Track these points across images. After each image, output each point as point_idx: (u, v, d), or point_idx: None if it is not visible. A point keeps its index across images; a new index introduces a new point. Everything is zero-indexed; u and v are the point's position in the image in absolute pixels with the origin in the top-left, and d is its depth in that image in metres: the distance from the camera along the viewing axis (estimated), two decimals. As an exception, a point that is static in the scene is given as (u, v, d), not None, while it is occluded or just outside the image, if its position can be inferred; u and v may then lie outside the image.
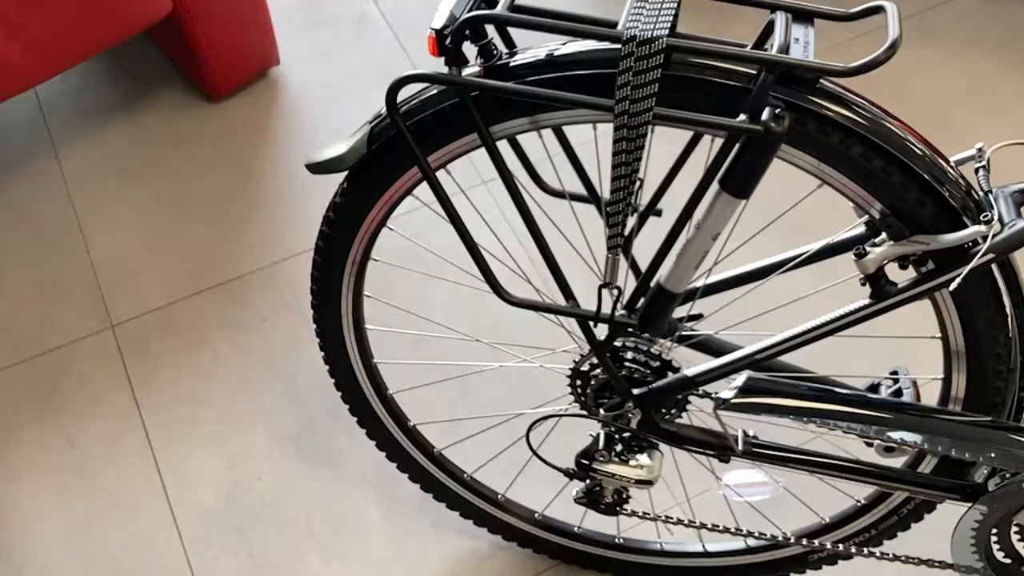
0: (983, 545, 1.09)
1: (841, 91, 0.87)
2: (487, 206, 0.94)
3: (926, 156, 0.88)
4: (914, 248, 0.89)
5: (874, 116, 0.88)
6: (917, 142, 0.89)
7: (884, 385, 1.11)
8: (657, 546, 1.34)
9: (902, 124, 0.89)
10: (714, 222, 0.90)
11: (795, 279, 1.07)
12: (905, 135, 0.88)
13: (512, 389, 1.51)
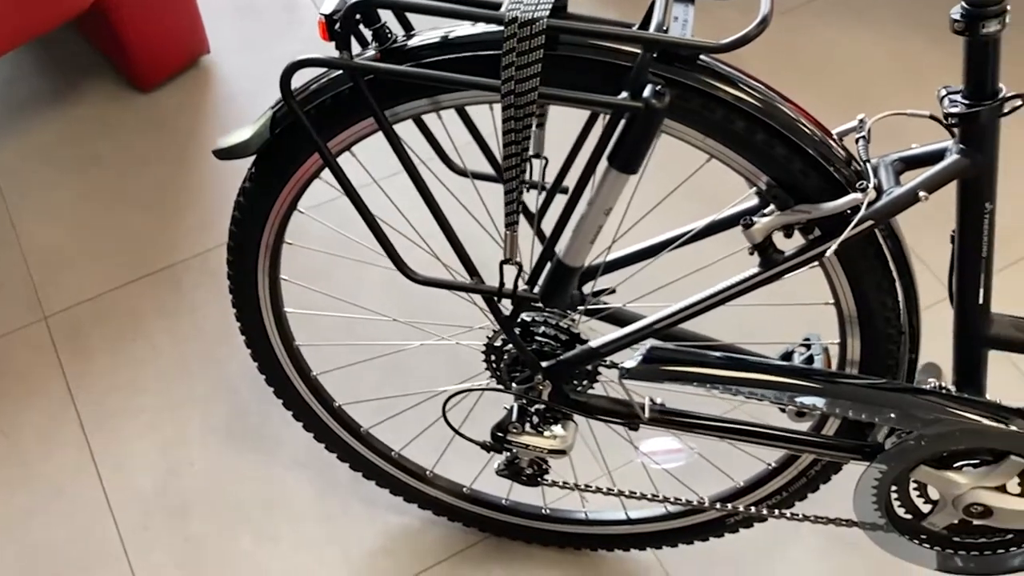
0: (884, 502, 1.14)
1: (723, 67, 0.91)
2: (404, 187, 0.96)
3: (808, 129, 0.92)
4: (797, 217, 0.93)
5: (756, 91, 0.91)
6: (799, 115, 0.92)
7: (797, 352, 1.15)
8: (582, 515, 1.38)
9: (784, 98, 0.92)
10: (605, 198, 0.92)
11: (707, 249, 1.10)
12: (787, 109, 0.92)
13: (439, 367, 1.53)
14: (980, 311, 1.00)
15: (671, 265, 1.13)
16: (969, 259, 0.97)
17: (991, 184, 0.92)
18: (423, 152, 1.03)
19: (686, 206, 1.15)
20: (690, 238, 1.09)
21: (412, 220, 1.14)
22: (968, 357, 1.05)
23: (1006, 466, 1.06)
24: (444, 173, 1.11)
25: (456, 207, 1.13)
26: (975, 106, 0.87)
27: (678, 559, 1.40)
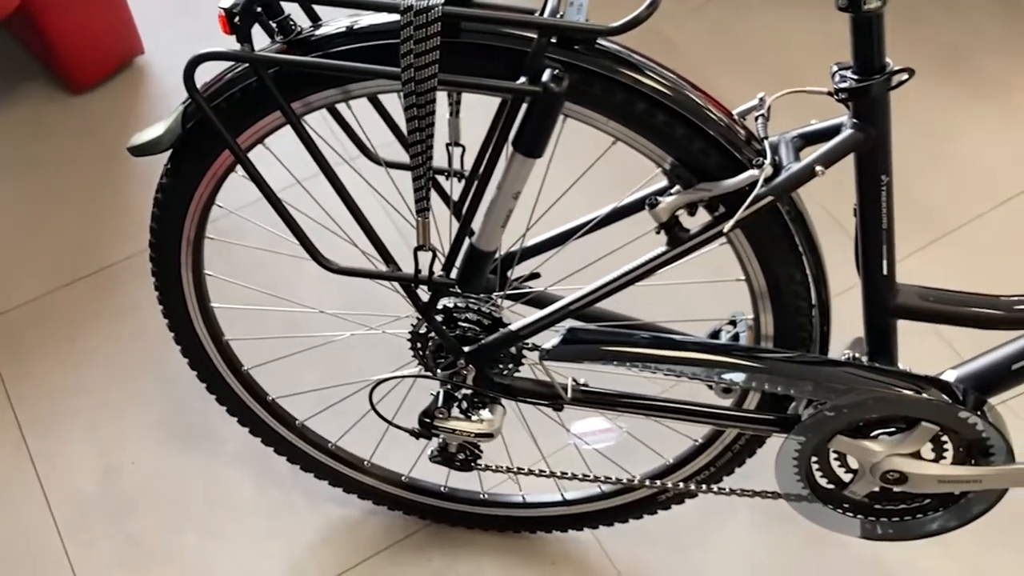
0: (806, 473, 1.16)
1: (624, 51, 0.92)
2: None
3: (708, 109, 0.94)
4: (699, 195, 0.95)
5: (656, 73, 0.93)
6: (699, 96, 0.94)
7: (724, 330, 1.17)
8: (519, 499, 1.40)
9: (684, 79, 0.94)
10: (512, 182, 0.94)
11: (640, 229, 1.11)
12: (687, 90, 0.94)
13: (379, 357, 1.54)
14: (885, 282, 1.03)
15: (599, 246, 1.15)
16: (870, 231, 0.99)
17: (886, 157, 0.95)
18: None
19: (621, 189, 1.17)
20: (602, 221, 1.11)
21: (339, 211, 1.15)
22: (878, 327, 1.07)
23: (918, 432, 1.09)
24: (370, 163, 1.12)
25: (384, 196, 1.14)
26: (864, 81, 0.89)
27: (616, 537, 1.42)
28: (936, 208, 1.78)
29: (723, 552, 1.43)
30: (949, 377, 1.10)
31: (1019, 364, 1.06)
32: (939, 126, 1.90)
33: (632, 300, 1.18)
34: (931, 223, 1.76)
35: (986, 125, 1.90)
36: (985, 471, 1.08)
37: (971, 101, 1.93)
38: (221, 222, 1.58)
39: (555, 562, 1.42)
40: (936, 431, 1.09)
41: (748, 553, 1.43)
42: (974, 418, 1.06)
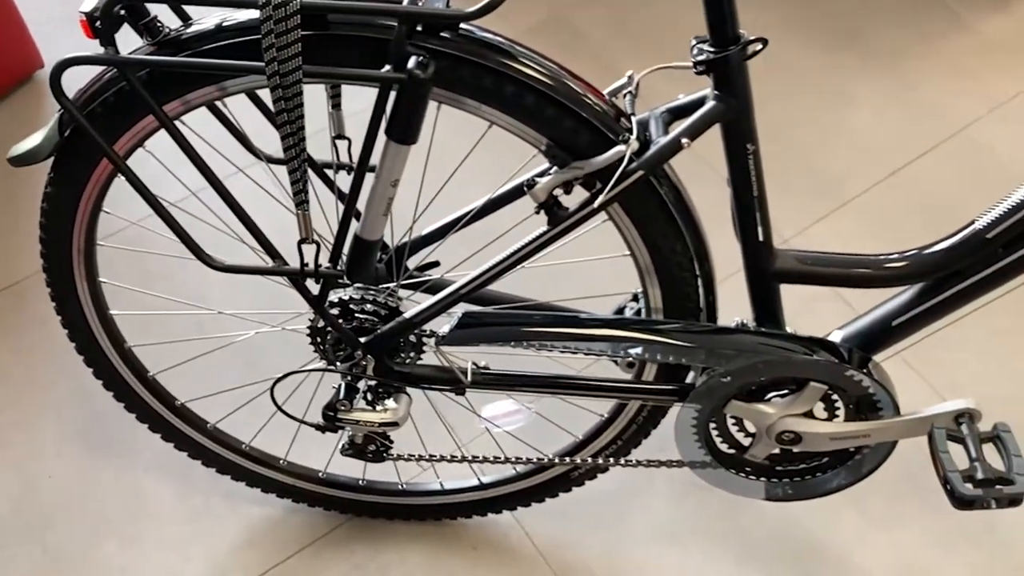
0: (705, 439, 1.19)
1: (489, 36, 0.94)
2: (226, 175, 0.98)
3: (575, 89, 0.96)
4: (573, 174, 0.97)
5: (522, 56, 0.94)
6: (567, 77, 0.96)
7: (628, 306, 1.20)
8: (437, 486, 1.41)
9: (552, 61, 0.96)
10: (389, 170, 0.95)
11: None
12: (554, 71, 0.96)
13: (292, 354, 1.54)
14: (763, 248, 1.06)
15: (501, 229, 1.16)
16: (742, 200, 1.02)
17: (750, 126, 0.98)
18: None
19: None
20: (495, 204, 1.13)
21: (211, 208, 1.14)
22: (761, 293, 1.10)
23: (808, 393, 1.12)
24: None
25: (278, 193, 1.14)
26: (720, 52, 0.92)
27: (536, 517, 1.45)
28: (837, 178, 1.83)
29: (642, 524, 1.46)
30: (835, 338, 1.14)
31: (898, 321, 1.10)
32: (837, 98, 1.95)
33: (541, 281, 1.21)
34: (833, 192, 1.80)
35: (882, 95, 1.95)
36: (873, 425, 1.12)
37: (867, 73, 1.99)
38: (129, 231, 1.57)
39: (476, 547, 1.44)
40: (825, 390, 1.12)
41: (666, 523, 1.46)
42: (860, 376, 1.10)
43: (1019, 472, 1.03)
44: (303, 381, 1.24)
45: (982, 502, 1.02)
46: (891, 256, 1.05)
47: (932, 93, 1.95)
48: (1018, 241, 1.02)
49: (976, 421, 1.08)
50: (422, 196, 1.12)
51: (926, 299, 1.08)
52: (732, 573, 1.42)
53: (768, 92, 1.98)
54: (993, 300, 1.65)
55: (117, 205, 1.13)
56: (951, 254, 1.04)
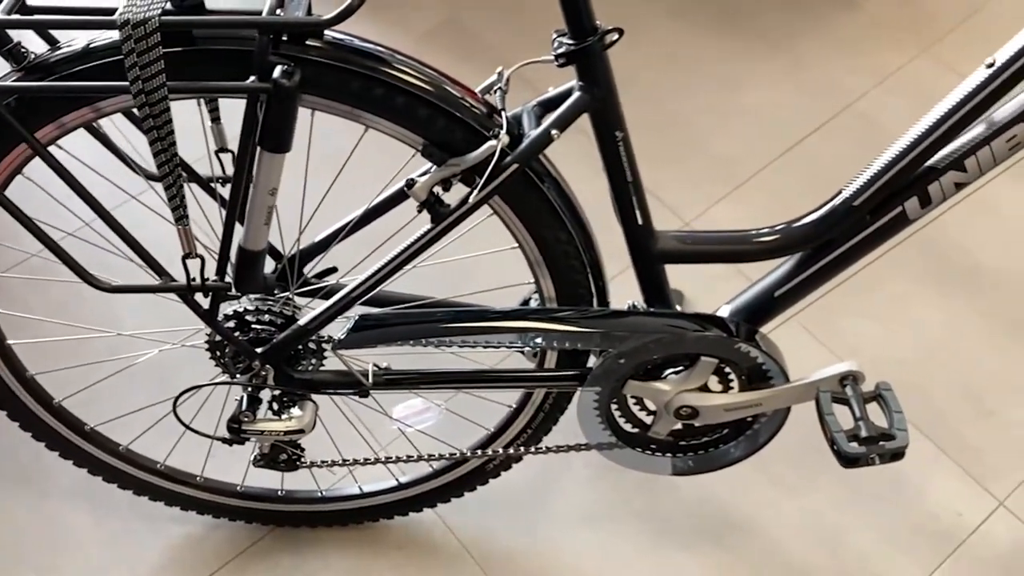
0: (608, 420, 1.23)
1: (354, 40, 0.96)
2: (110, 195, 0.98)
3: (447, 88, 0.98)
4: (450, 171, 0.99)
5: (389, 58, 0.96)
6: (436, 77, 0.98)
7: (533, 298, 1.22)
8: (357, 490, 1.42)
9: (418, 62, 0.98)
10: (266, 179, 0.96)
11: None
12: (422, 71, 0.98)
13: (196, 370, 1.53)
14: (643, 231, 1.09)
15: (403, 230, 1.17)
16: (618, 186, 1.05)
17: (616, 114, 1.01)
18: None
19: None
20: (385, 205, 1.15)
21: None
22: (648, 275, 1.14)
23: (701, 367, 1.16)
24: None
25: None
26: (579, 44, 0.95)
27: (457, 512, 1.47)
28: (733, 159, 1.88)
29: (561, 509, 1.49)
30: (723, 313, 1.18)
31: (780, 291, 1.14)
32: (730, 82, 2.00)
33: (443, 279, 1.23)
34: (731, 173, 1.85)
35: (773, 76, 2.01)
36: (764, 394, 1.16)
37: (758, 55, 2.04)
38: (33, 261, 1.56)
39: (401, 546, 1.46)
40: (717, 364, 1.16)
41: (585, 506, 1.49)
42: (748, 347, 1.14)
43: (900, 427, 1.07)
44: (210, 396, 1.24)
45: (867, 458, 1.06)
46: (762, 231, 1.09)
47: (822, 71, 2.02)
48: (883, 207, 1.07)
49: (860, 383, 1.13)
50: (316, 203, 1.14)
51: (804, 269, 1.12)
52: (651, 550, 1.46)
53: (663, 80, 2.04)
54: (889, 268, 1.72)
55: (19, 236, 1.12)
56: (820, 225, 1.08)
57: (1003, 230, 1.79)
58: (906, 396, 1.57)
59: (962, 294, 1.71)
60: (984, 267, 1.75)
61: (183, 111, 1.02)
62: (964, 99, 0.99)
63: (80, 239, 1.18)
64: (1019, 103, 1.00)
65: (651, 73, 2.01)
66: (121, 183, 1.15)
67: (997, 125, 1.01)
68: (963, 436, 1.56)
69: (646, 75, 2.01)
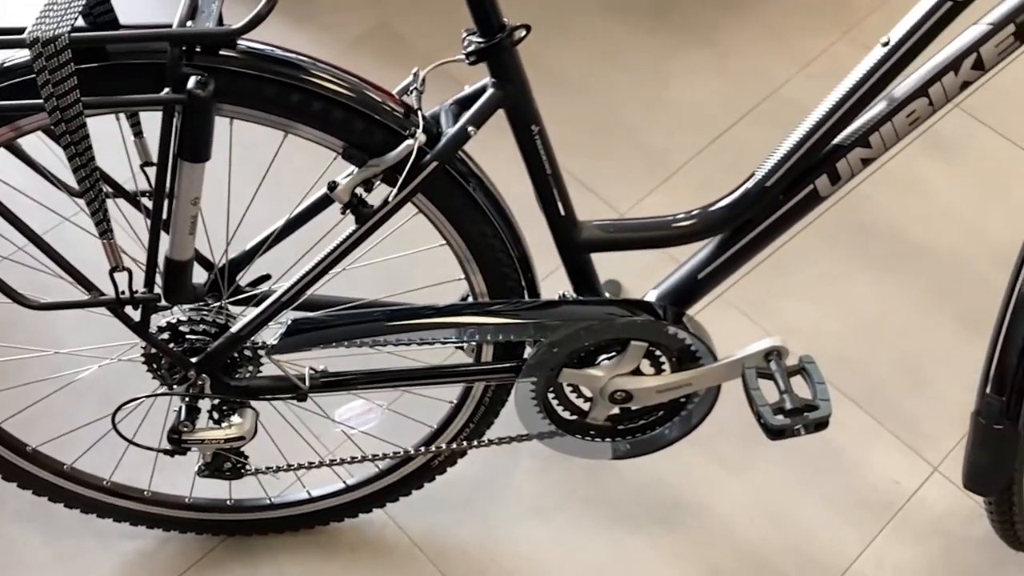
0: (546, 409, 1.25)
1: (268, 48, 0.97)
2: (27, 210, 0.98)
3: (362, 91, 1.00)
4: (371, 172, 1.01)
5: (303, 65, 0.98)
6: (352, 80, 1.00)
7: (472, 296, 1.24)
8: (305, 495, 1.43)
9: (334, 66, 1.00)
10: (187, 189, 0.97)
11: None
12: (338, 76, 1.00)
13: (139, 385, 1.54)
14: (566, 222, 1.12)
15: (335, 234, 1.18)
16: (538, 179, 1.08)
17: (530, 108, 1.03)
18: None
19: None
20: (313, 209, 1.16)
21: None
22: (575, 264, 1.16)
23: (631, 352, 1.19)
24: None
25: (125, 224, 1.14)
26: (488, 42, 0.97)
27: (408, 511, 1.48)
28: (665, 150, 1.91)
29: (510, 501, 1.51)
30: (650, 297, 1.21)
31: (703, 273, 1.17)
32: (659, 75, 2.03)
33: (378, 280, 1.25)
34: (661, 164, 1.89)
35: (699, 68, 2.05)
36: (692, 374, 1.19)
37: (682, 47, 2.08)
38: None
39: (354, 548, 1.47)
40: (647, 347, 1.19)
41: (534, 497, 1.52)
42: (675, 329, 1.17)
43: (823, 397, 1.11)
44: (151, 409, 1.25)
45: (791, 429, 1.10)
46: (679, 216, 1.12)
47: (746, 60, 2.06)
48: (795, 186, 1.11)
49: (784, 357, 1.16)
50: (244, 212, 1.15)
51: (724, 250, 1.16)
52: (602, 536, 1.49)
53: (595, 76, 2.07)
54: (820, 248, 1.76)
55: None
56: (735, 207, 1.12)
57: (930, 207, 1.84)
58: (842, 371, 1.65)
59: (892, 270, 1.76)
60: (913, 243, 1.80)
61: (109, 125, 1.03)
62: (863, 78, 1.03)
63: (15, 262, 1.18)
64: (916, 79, 1.04)
65: (583, 70, 2.04)
66: (57, 202, 1.15)
67: (897, 101, 1.05)
68: (898, 407, 1.61)
69: (578, 72, 2.04)
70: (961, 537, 1.48)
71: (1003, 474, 1.13)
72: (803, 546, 1.48)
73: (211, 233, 1.15)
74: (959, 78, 1.02)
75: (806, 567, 1.46)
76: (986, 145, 1.92)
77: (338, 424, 1.36)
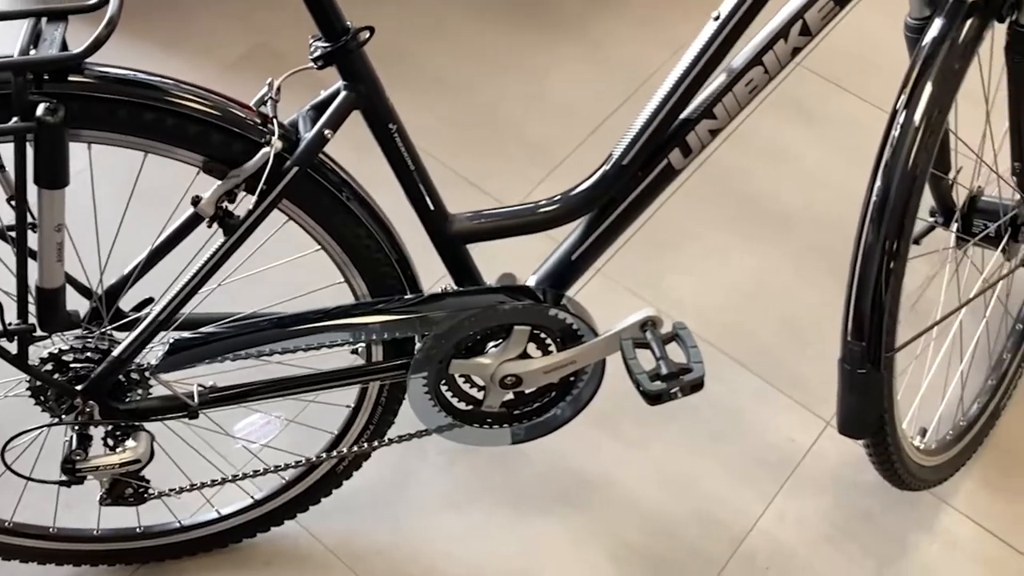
0: (441, 402, 1.27)
1: (117, 70, 0.98)
2: None
3: (215, 104, 1.02)
4: (232, 183, 1.03)
5: (154, 83, 0.99)
6: (205, 94, 1.02)
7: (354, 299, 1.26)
8: (215, 514, 1.44)
9: (187, 83, 1.02)
10: (48, 216, 0.98)
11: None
12: (190, 91, 1.01)
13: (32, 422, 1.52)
14: (437, 216, 1.15)
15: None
16: (403, 176, 1.11)
17: (385, 107, 1.06)
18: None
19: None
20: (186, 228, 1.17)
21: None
22: (452, 257, 1.20)
23: (516, 337, 1.22)
24: None
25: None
26: (333, 45, 1.00)
27: (320, 519, 1.49)
28: (548, 143, 1.96)
29: (421, 497, 1.53)
30: (530, 282, 1.24)
31: (576, 254, 1.21)
32: (537, 70, 2.08)
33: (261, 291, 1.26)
34: (545, 158, 1.93)
35: (575, 60, 2.10)
36: (574, 352, 1.23)
37: (559, 42, 2.13)
38: None
39: (269, 562, 1.48)
40: (530, 331, 1.23)
41: (444, 491, 1.54)
42: (556, 311, 1.21)
43: (696, 360, 1.16)
44: (45, 441, 1.24)
45: (668, 393, 1.14)
46: (542, 202, 1.16)
47: (619, 49, 2.12)
48: (650, 162, 1.15)
49: (659, 327, 1.21)
50: (115, 235, 1.15)
51: (593, 230, 1.20)
52: (513, 522, 1.52)
53: (474, 76, 2.11)
54: (702, 222, 1.83)
55: None
56: (596, 189, 1.16)
57: (802, 173, 1.92)
58: (731, 338, 1.71)
59: (773, 237, 1.83)
60: (790, 210, 1.87)
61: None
62: (700, 52, 1.09)
63: None
64: (751, 49, 1.10)
65: (461, 71, 2.08)
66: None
67: (735, 72, 1.10)
68: (788, 367, 1.67)
69: (456, 74, 2.07)
70: (855, 485, 1.55)
71: (873, 416, 1.19)
72: (708, 510, 1.53)
73: (87, 260, 1.16)
74: (789, 44, 1.08)
75: (712, 530, 1.51)
76: (848, 110, 2.00)
77: (239, 440, 1.36)
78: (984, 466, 1.57)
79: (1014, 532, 1.51)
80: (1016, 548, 1.50)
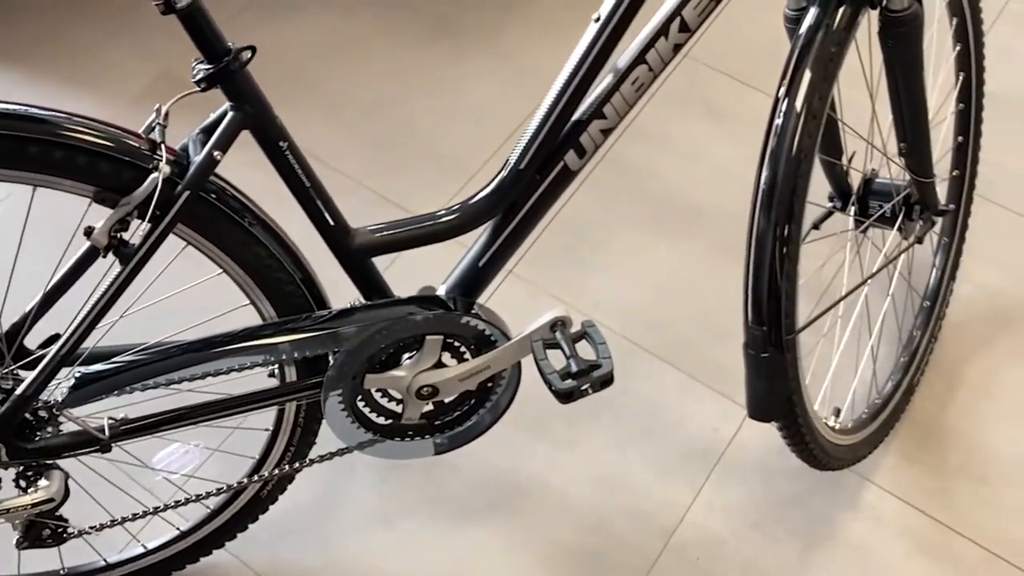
0: (360, 419, 1.27)
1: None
2: None
3: (102, 133, 1.01)
4: (123, 211, 1.02)
5: (39, 115, 0.98)
6: (91, 123, 1.01)
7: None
8: (141, 549, 1.42)
9: (74, 114, 1.01)
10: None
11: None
12: (75, 122, 1.00)
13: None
14: (337, 231, 1.15)
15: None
16: (299, 193, 1.11)
17: (274, 125, 1.06)
18: None
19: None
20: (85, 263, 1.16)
21: None
22: (356, 271, 1.20)
23: (429, 346, 1.23)
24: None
25: None
26: (216, 66, 1.00)
27: (249, 546, 1.47)
28: (462, 155, 1.97)
29: (352, 516, 1.53)
30: (440, 291, 1.25)
31: (483, 261, 1.22)
32: (446, 85, 2.09)
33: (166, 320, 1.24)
34: (459, 169, 1.94)
35: (484, 72, 2.12)
36: (487, 357, 1.24)
37: (467, 56, 2.15)
38: None
39: (200, 593, 1.46)
40: (442, 340, 1.23)
41: (376, 508, 1.54)
42: (467, 318, 1.22)
43: (604, 356, 1.17)
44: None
45: (579, 390, 1.16)
46: (441, 212, 1.17)
47: (525, 57, 2.14)
48: (547, 165, 1.17)
49: (568, 326, 1.22)
50: (11, 273, 1.14)
51: (497, 236, 1.21)
52: (449, 534, 1.52)
53: (384, 95, 2.12)
54: (618, 223, 1.85)
55: None
56: (495, 195, 1.17)
57: (713, 170, 1.96)
58: (652, 334, 1.73)
59: (687, 233, 1.86)
60: (702, 206, 1.90)
61: None
62: (584, 54, 1.11)
63: None
64: (634, 48, 1.12)
65: (372, 90, 2.09)
66: None
67: (621, 71, 1.12)
68: (707, 359, 1.70)
69: (367, 93, 2.08)
70: (779, 470, 1.58)
71: (780, 398, 1.21)
72: (638, 505, 1.55)
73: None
74: (670, 41, 1.11)
75: (642, 524, 1.53)
76: (756, 106, 2.04)
77: (159, 471, 1.35)
78: (902, 441, 1.61)
79: (936, 505, 1.55)
80: (939, 520, 1.54)
